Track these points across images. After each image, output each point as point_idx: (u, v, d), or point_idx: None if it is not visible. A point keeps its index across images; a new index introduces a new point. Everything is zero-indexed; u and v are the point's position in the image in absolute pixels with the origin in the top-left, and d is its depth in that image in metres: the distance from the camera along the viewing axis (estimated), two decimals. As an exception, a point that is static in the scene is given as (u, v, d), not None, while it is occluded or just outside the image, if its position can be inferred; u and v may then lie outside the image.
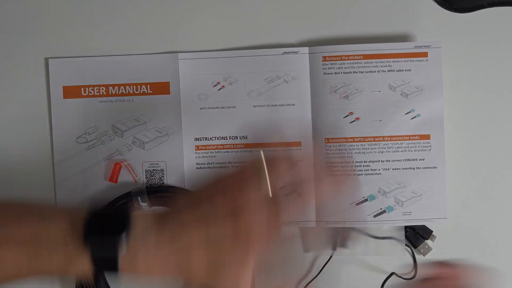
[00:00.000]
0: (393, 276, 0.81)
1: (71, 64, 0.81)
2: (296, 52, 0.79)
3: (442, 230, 0.81)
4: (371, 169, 0.80)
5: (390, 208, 0.79)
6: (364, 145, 0.79)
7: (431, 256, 0.81)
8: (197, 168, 0.82)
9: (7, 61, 0.83)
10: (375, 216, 0.80)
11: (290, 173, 0.61)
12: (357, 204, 0.80)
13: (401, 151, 0.79)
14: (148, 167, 0.82)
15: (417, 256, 0.82)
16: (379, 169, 0.79)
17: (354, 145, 0.79)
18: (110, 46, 0.82)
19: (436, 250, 0.81)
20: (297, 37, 0.81)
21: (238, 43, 0.81)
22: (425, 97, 0.78)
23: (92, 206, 0.56)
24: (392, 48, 0.78)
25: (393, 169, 0.79)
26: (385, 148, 0.79)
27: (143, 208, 0.60)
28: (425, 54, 0.78)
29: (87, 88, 0.81)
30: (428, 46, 0.78)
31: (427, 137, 0.79)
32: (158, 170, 0.82)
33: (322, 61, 0.79)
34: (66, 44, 0.83)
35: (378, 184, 0.80)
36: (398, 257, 0.82)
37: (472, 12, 0.82)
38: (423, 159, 0.79)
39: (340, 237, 0.82)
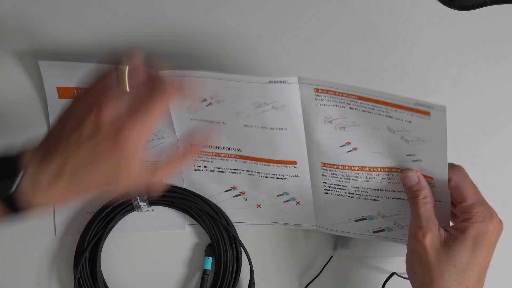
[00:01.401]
0: (394, 276, 0.80)
1: (61, 66, 0.79)
2: (283, 82, 0.69)
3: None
4: (369, 195, 0.75)
5: (390, 229, 0.76)
6: (362, 174, 0.73)
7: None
8: (195, 170, 0.80)
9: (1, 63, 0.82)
10: (374, 232, 0.77)
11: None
12: (355, 221, 0.77)
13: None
14: (147, 166, 0.81)
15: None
16: (378, 197, 0.75)
17: (351, 173, 0.74)
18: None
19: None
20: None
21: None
22: (427, 148, 0.67)
23: None
24: (390, 99, 0.65)
25: (393, 198, 0.74)
26: (384, 178, 0.73)
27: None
28: (427, 113, 0.64)
29: (80, 91, 0.78)
30: (430, 107, 0.63)
31: (430, 177, 0.70)
32: (157, 170, 0.81)
33: (315, 92, 0.69)
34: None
35: (377, 208, 0.76)
36: (399, 257, 0.80)
37: (474, 10, 0.81)
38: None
39: (340, 237, 0.81)
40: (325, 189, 0.76)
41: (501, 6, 0.80)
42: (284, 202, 0.80)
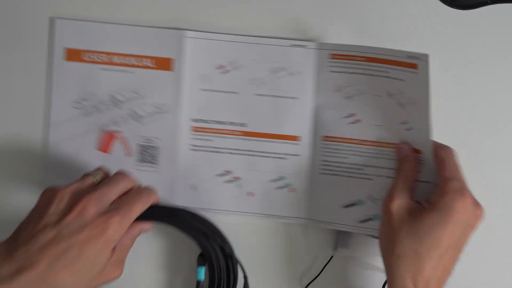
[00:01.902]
0: None
1: (77, 26, 0.80)
2: (304, 46, 0.80)
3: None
4: (363, 173, 0.78)
5: (378, 217, 0.77)
6: (361, 148, 0.78)
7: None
8: (191, 149, 0.80)
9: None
10: (360, 222, 0.78)
11: None
12: (345, 207, 0.79)
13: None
14: (142, 142, 0.79)
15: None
16: (371, 174, 0.78)
17: (350, 146, 0.78)
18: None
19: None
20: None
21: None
22: (417, 110, 0.75)
23: None
24: (387, 54, 0.76)
25: (386, 176, 0.77)
26: (380, 154, 0.78)
27: None
28: (415, 66, 0.75)
29: (89, 54, 0.79)
30: (417, 58, 0.75)
31: (419, 151, 0.76)
32: (152, 146, 0.79)
33: (329, 58, 0.79)
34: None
35: (368, 189, 0.78)
36: None
37: (475, 9, 0.82)
38: (418, 172, 0.76)
39: (341, 237, 0.81)
40: (322, 168, 0.79)
41: (502, 5, 0.82)
42: (278, 188, 0.80)
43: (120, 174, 0.70)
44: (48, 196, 0.66)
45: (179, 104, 0.79)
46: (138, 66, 0.79)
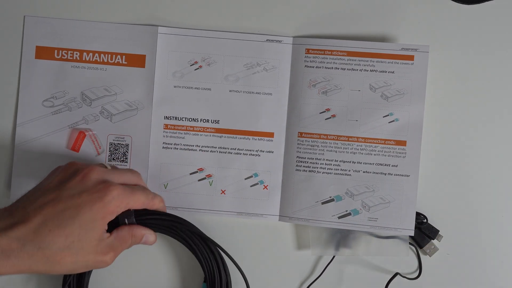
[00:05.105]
0: (398, 277, 0.79)
1: (48, 24, 0.79)
2: (279, 41, 0.79)
3: (449, 230, 0.80)
4: (341, 169, 0.78)
5: (356, 212, 0.78)
6: (337, 143, 0.78)
7: (437, 257, 0.80)
8: (163, 147, 0.79)
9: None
10: (339, 217, 0.78)
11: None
12: (322, 203, 0.78)
13: (374, 155, 0.78)
14: (113, 140, 0.79)
15: (422, 257, 0.80)
16: (349, 170, 0.78)
17: (327, 142, 0.78)
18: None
19: (443, 250, 0.80)
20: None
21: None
22: (406, 101, 0.77)
23: None
24: (378, 48, 0.78)
25: (363, 171, 0.78)
26: (358, 149, 0.78)
27: None
28: (411, 58, 0.78)
29: (60, 51, 0.79)
30: (415, 50, 0.78)
31: (403, 143, 0.78)
32: (123, 144, 0.79)
33: (305, 53, 0.79)
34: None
35: (346, 185, 0.78)
36: (402, 257, 0.80)
37: (480, 4, 0.81)
38: (396, 166, 0.78)
39: (342, 237, 0.80)
40: (297, 165, 0.79)
41: (506, 1, 0.81)
42: (251, 186, 0.79)
43: (130, 169, 0.71)
44: (56, 168, 0.68)
45: (151, 101, 0.79)
46: (109, 63, 0.79)
